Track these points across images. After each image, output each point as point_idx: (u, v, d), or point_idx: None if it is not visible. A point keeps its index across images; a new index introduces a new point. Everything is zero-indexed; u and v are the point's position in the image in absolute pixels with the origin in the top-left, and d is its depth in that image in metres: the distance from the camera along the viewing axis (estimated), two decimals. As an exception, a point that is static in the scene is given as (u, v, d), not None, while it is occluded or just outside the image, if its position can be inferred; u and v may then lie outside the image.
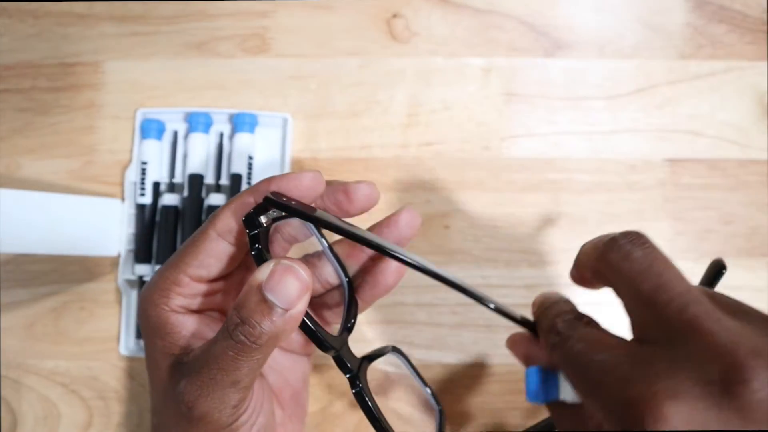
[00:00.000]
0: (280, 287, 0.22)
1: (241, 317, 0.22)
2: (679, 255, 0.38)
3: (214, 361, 0.23)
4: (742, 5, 0.41)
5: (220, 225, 0.25)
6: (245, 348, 0.22)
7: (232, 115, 0.38)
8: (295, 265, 0.23)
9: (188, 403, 0.23)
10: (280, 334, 0.23)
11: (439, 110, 0.40)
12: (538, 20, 0.40)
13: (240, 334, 0.22)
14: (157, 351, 0.25)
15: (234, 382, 0.23)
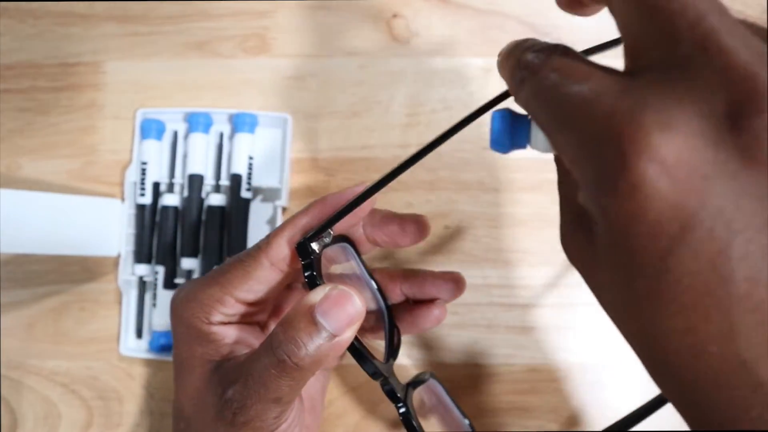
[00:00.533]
0: (333, 312, 0.22)
1: (287, 336, 0.22)
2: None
3: (258, 375, 0.23)
4: (742, 5, 0.41)
5: (273, 254, 0.25)
6: (287, 368, 0.22)
7: (232, 115, 0.38)
8: (352, 293, 0.23)
9: (235, 410, 0.23)
10: (323, 359, 0.23)
11: (439, 110, 0.40)
12: (538, 20, 0.40)
13: (283, 353, 0.22)
14: (196, 357, 0.25)
15: (276, 399, 0.23)
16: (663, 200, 0.14)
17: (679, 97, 0.14)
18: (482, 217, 0.38)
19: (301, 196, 0.39)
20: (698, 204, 0.14)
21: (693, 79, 0.14)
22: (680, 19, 0.15)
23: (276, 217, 0.38)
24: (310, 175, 0.39)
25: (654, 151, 0.14)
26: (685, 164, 0.14)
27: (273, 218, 0.38)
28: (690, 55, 0.15)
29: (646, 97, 0.15)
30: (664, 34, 0.15)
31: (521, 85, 0.19)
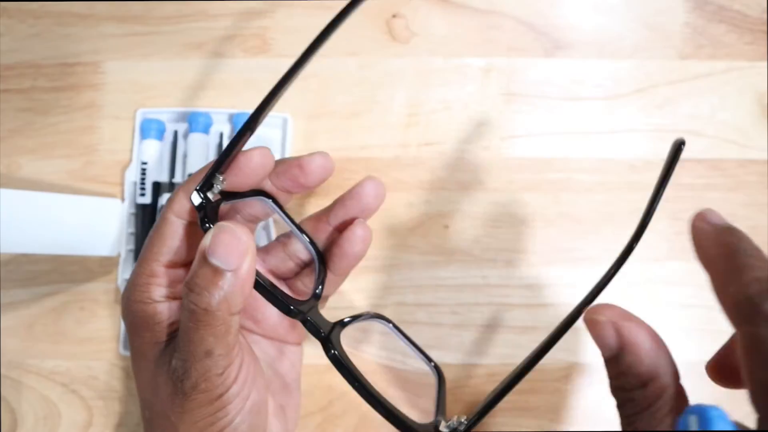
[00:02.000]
0: (221, 249, 0.23)
1: (189, 286, 0.23)
2: (678, 255, 0.38)
3: (183, 334, 0.23)
4: (742, 5, 0.41)
5: (176, 207, 0.25)
6: (199, 317, 0.23)
7: (232, 115, 0.38)
8: (232, 226, 0.23)
9: (180, 377, 0.24)
10: (230, 298, 0.23)
11: (439, 110, 0.40)
12: (537, 20, 0.41)
13: (190, 302, 0.23)
14: (145, 343, 0.25)
15: (207, 353, 0.23)
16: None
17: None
18: (482, 217, 0.38)
19: (301, 196, 0.39)
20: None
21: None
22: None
23: (276, 217, 0.38)
24: (309, 175, 0.39)
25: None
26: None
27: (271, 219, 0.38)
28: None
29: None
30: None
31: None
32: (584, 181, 0.39)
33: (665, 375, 0.20)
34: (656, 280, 0.38)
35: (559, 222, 0.38)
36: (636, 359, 0.21)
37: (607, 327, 0.21)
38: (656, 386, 0.20)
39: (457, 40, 0.40)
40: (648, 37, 0.40)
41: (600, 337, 0.22)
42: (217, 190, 0.25)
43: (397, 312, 0.37)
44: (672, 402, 0.20)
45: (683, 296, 0.38)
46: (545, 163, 0.39)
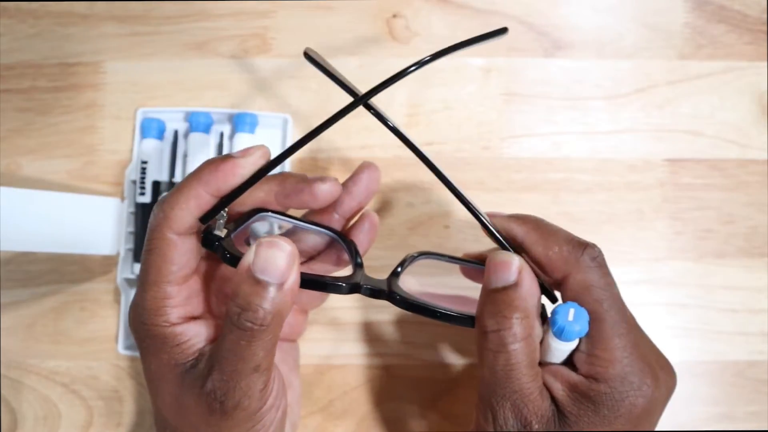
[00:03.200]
0: (268, 264, 0.23)
1: (240, 305, 0.23)
2: (678, 255, 0.38)
3: (231, 353, 0.23)
4: (742, 5, 0.41)
5: (177, 226, 0.25)
6: (255, 333, 0.23)
7: (233, 115, 0.38)
8: (276, 239, 0.23)
9: (221, 398, 0.23)
10: (282, 310, 0.23)
11: (439, 110, 0.40)
12: (537, 20, 0.41)
13: (245, 321, 0.23)
14: (164, 365, 0.25)
15: (255, 368, 0.23)
16: None
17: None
18: (482, 217, 0.38)
19: (301, 196, 0.39)
20: None
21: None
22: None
23: (276, 217, 0.38)
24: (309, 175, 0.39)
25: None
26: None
27: (273, 218, 0.38)
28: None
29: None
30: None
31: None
32: (584, 181, 0.39)
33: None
34: (656, 280, 0.38)
35: (559, 222, 0.38)
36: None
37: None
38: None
39: (458, 40, 0.40)
40: (648, 37, 0.40)
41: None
42: (222, 219, 0.25)
43: (397, 312, 0.37)
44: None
45: (682, 296, 0.38)
46: (545, 163, 0.39)
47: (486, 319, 0.24)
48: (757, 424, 0.37)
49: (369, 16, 0.40)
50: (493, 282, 0.24)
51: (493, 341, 0.23)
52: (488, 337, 0.23)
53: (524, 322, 0.23)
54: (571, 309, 0.24)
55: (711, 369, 0.37)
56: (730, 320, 0.38)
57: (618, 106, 0.40)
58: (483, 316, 0.24)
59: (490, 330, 0.23)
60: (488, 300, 0.24)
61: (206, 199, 0.25)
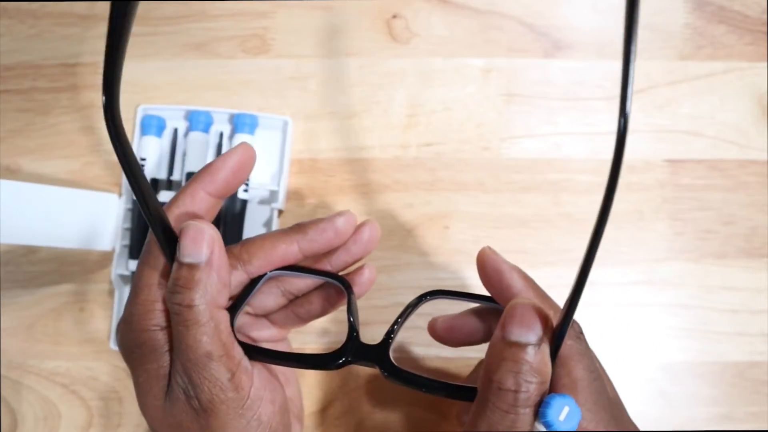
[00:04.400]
0: (188, 245, 0.24)
1: (170, 289, 0.24)
2: (678, 256, 0.38)
3: (179, 343, 0.23)
4: (742, 6, 0.41)
5: (174, 225, 0.25)
6: (186, 315, 0.23)
7: (233, 115, 0.38)
8: (194, 222, 0.24)
9: (194, 394, 0.23)
10: (209, 289, 0.24)
11: (438, 111, 0.40)
12: (537, 21, 0.41)
13: (175, 305, 0.23)
14: (151, 377, 0.25)
15: (207, 355, 0.23)
16: None
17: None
18: (482, 217, 0.38)
19: (301, 197, 0.39)
20: None
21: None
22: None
23: (272, 220, 0.38)
24: (309, 175, 0.39)
25: None
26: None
27: (269, 221, 0.38)
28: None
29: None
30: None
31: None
32: (584, 182, 0.39)
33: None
34: (656, 280, 0.38)
35: (558, 222, 0.38)
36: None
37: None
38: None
39: (457, 40, 0.40)
40: (648, 38, 0.40)
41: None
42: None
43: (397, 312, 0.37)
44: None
45: (683, 297, 0.38)
46: (545, 164, 0.39)
47: (504, 374, 0.22)
48: (757, 424, 0.37)
49: (369, 16, 0.40)
50: (516, 335, 0.22)
51: (507, 401, 0.22)
52: (502, 396, 0.22)
53: (540, 387, 0.22)
54: (566, 407, 0.22)
55: (711, 369, 0.37)
56: (730, 321, 0.38)
57: (618, 106, 0.40)
58: (500, 370, 0.22)
59: (506, 388, 0.22)
60: (509, 355, 0.22)
61: (201, 197, 0.25)
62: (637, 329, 0.38)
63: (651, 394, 0.37)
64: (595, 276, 0.26)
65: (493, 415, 0.22)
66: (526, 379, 0.22)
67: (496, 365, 0.22)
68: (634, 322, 0.38)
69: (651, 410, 0.37)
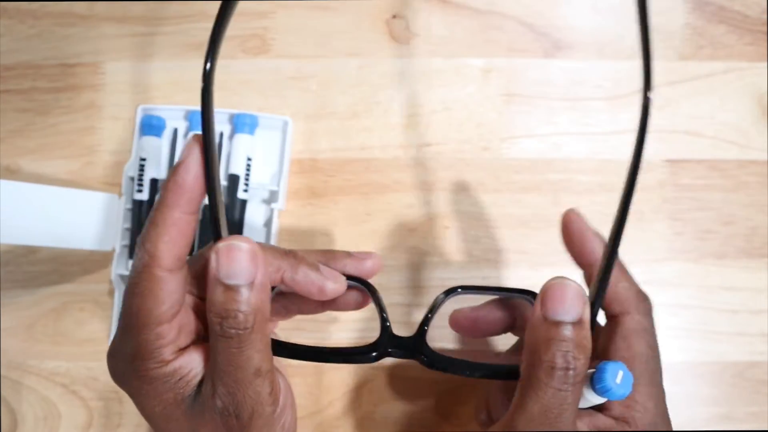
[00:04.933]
0: (231, 268, 0.23)
1: (220, 314, 0.23)
2: (678, 256, 0.38)
3: (227, 364, 0.23)
4: (742, 6, 0.41)
5: (165, 262, 0.23)
6: (242, 338, 0.23)
7: (233, 115, 0.38)
8: (232, 241, 0.23)
9: (235, 412, 0.23)
10: (261, 308, 0.23)
11: (438, 111, 0.40)
12: (537, 21, 0.41)
13: (229, 329, 0.22)
14: (170, 405, 0.24)
15: (256, 372, 0.23)
16: None
17: None
18: (482, 217, 0.38)
19: (301, 197, 0.39)
20: None
21: None
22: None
23: (272, 220, 0.38)
24: (309, 175, 0.39)
25: None
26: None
27: (269, 221, 0.38)
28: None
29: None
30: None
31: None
32: (584, 182, 0.39)
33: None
34: (655, 280, 0.38)
35: (558, 222, 0.38)
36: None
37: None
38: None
39: (457, 40, 0.40)
40: (648, 38, 0.40)
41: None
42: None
43: (397, 313, 0.37)
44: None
45: (682, 297, 0.38)
46: (545, 164, 0.39)
47: (554, 354, 0.22)
48: (757, 424, 0.37)
49: (369, 16, 0.40)
50: (560, 313, 0.23)
51: (560, 379, 0.22)
52: (554, 375, 0.22)
53: (586, 363, 0.23)
54: (620, 371, 0.23)
55: (711, 370, 0.37)
56: (730, 321, 0.38)
57: (618, 106, 0.40)
58: (550, 350, 0.22)
59: (558, 367, 0.22)
60: (555, 334, 0.22)
61: (184, 221, 0.24)
62: (637, 329, 0.38)
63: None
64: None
65: (545, 395, 0.22)
66: (575, 356, 0.22)
67: (544, 345, 0.23)
68: (634, 322, 0.37)
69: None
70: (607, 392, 0.23)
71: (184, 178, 0.24)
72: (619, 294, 0.25)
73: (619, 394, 0.23)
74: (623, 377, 0.23)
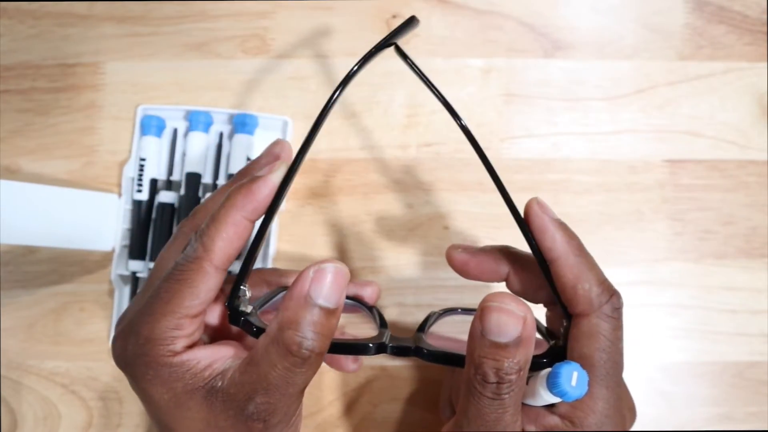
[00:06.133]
0: (333, 291, 0.23)
1: (303, 334, 0.22)
2: (678, 256, 0.38)
3: (283, 380, 0.23)
4: (742, 6, 0.41)
5: (218, 259, 0.24)
6: (311, 360, 0.23)
7: (233, 115, 0.38)
8: (330, 263, 0.23)
9: (265, 418, 0.23)
10: (330, 333, 0.23)
11: (438, 111, 0.40)
12: (537, 21, 0.40)
13: (305, 350, 0.22)
14: (181, 394, 0.24)
15: (302, 392, 0.24)
16: None
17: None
18: (482, 217, 0.38)
19: (301, 197, 0.39)
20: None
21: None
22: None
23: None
24: (309, 175, 0.39)
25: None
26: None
27: (272, 219, 0.38)
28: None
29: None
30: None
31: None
32: (584, 182, 0.39)
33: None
34: (655, 280, 0.38)
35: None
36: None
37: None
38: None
39: (457, 40, 0.40)
40: (648, 38, 0.40)
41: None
42: (246, 297, 0.25)
43: (397, 313, 0.37)
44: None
45: (682, 297, 0.38)
46: (545, 164, 0.39)
47: (487, 369, 0.23)
48: (757, 424, 0.37)
49: (369, 16, 0.40)
50: (495, 334, 0.23)
51: (493, 390, 0.23)
52: (487, 387, 0.23)
53: (522, 374, 0.23)
54: (575, 372, 0.23)
55: (711, 370, 0.37)
56: (730, 321, 0.38)
57: (618, 106, 0.40)
58: (483, 366, 0.23)
59: (491, 381, 0.23)
60: (488, 352, 0.23)
61: (244, 225, 0.24)
62: (637, 329, 0.38)
63: (651, 394, 0.37)
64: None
65: (480, 401, 0.23)
66: (507, 372, 0.23)
67: (478, 359, 0.23)
68: (634, 322, 0.38)
69: (651, 410, 0.37)
70: (563, 395, 0.23)
71: (261, 189, 0.24)
72: (578, 295, 0.25)
73: (574, 395, 0.23)
74: (578, 378, 0.23)
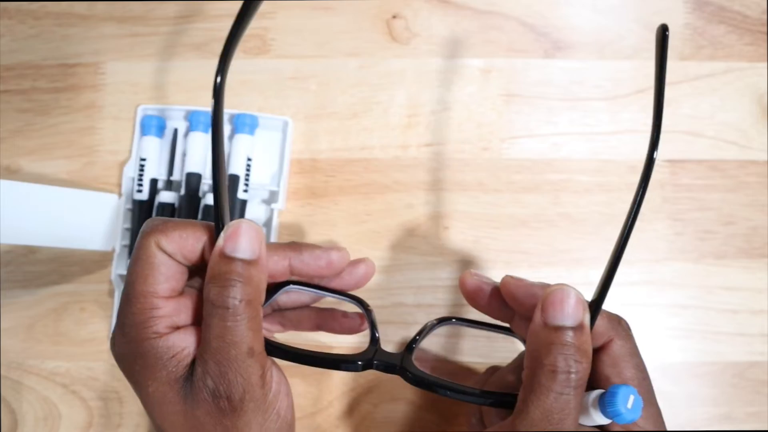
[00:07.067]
0: (238, 243, 0.24)
1: (220, 284, 0.23)
2: (678, 256, 0.38)
3: (220, 339, 0.23)
4: (742, 6, 0.41)
5: (170, 249, 0.25)
6: (238, 309, 0.23)
7: (233, 115, 0.38)
8: (240, 222, 0.24)
9: (226, 393, 0.23)
10: (259, 284, 0.24)
11: (438, 111, 0.40)
12: (538, 21, 0.41)
13: (227, 298, 0.23)
14: (163, 384, 0.24)
15: (249, 352, 0.23)
16: None
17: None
18: (482, 217, 0.38)
19: (301, 197, 0.39)
20: None
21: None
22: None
23: (272, 220, 0.38)
24: (309, 176, 0.39)
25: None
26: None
27: (269, 221, 0.38)
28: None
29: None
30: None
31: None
32: (584, 182, 0.39)
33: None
34: (656, 281, 0.38)
35: (558, 222, 0.39)
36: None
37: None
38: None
39: (457, 40, 0.40)
40: (648, 38, 0.40)
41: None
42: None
43: (397, 313, 0.37)
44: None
45: (682, 297, 0.38)
46: (545, 164, 0.39)
47: (556, 357, 0.23)
48: (757, 424, 0.37)
49: (369, 16, 0.40)
50: (560, 318, 0.23)
51: (561, 382, 0.22)
52: (556, 378, 0.22)
53: (587, 368, 0.23)
54: (632, 396, 0.23)
55: (711, 370, 0.37)
56: (730, 321, 0.38)
57: (618, 106, 0.40)
58: (551, 354, 0.23)
59: (560, 370, 0.22)
60: (556, 338, 0.23)
61: (282, 264, 0.26)
62: (637, 329, 0.37)
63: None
64: (595, 276, 0.26)
65: (547, 399, 0.23)
66: (576, 359, 0.23)
67: (545, 349, 0.23)
68: (634, 322, 0.37)
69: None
70: (617, 416, 0.22)
71: (320, 257, 0.26)
72: (595, 328, 0.25)
73: (629, 418, 0.22)
74: (634, 402, 0.23)
